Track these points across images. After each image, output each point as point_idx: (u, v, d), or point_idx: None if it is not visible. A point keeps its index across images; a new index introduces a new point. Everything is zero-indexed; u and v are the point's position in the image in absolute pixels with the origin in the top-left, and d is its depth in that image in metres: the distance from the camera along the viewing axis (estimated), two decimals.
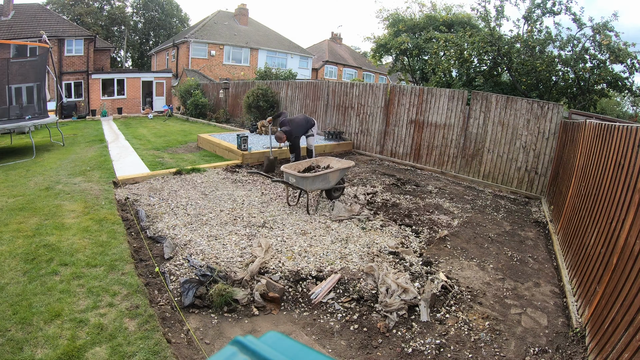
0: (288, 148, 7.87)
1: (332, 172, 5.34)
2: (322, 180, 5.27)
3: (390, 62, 17.79)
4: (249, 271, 3.37)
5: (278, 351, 0.85)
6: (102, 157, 8.10)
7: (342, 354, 2.61)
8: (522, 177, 7.30)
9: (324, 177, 5.25)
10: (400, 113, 9.25)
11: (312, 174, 5.20)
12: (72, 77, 20.78)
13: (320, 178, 5.22)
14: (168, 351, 2.39)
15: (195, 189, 5.95)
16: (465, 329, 2.93)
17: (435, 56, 12.81)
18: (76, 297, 2.87)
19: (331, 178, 5.37)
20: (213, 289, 3.03)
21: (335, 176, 5.45)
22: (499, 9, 11.04)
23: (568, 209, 4.57)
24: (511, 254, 4.41)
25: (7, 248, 3.57)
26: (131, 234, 4.21)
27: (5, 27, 18.94)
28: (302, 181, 5.09)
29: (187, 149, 9.59)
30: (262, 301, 3.08)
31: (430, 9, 15.79)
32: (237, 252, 3.86)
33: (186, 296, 3.01)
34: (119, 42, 35.62)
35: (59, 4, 29.83)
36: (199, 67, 23.68)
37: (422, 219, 5.31)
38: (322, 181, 5.28)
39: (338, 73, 31.85)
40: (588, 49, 9.80)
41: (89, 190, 5.54)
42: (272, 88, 13.67)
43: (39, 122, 9.33)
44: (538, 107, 7.00)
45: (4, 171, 6.70)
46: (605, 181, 3.25)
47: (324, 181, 5.31)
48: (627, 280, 2.29)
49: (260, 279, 3.32)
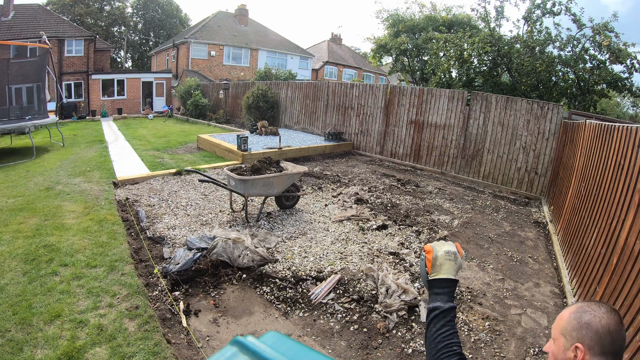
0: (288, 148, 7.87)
1: (276, 177, 4.68)
2: (264, 185, 4.62)
3: (390, 62, 17.81)
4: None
5: (278, 351, 0.85)
6: (102, 157, 8.10)
7: (342, 354, 2.60)
8: (522, 178, 7.30)
9: (265, 181, 4.60)
10: (400, 113, 9.26)
11: (250, 177, 4.57)
12: (72, 78, 20.78)
13: (261, 182, 4.58)
14: (168, 352, 2.39)
15: (195, 190, 5.95)
16: (465, 330, 2.93)
17: (435, 57, 12.82)
18: (76, 298, 2.86)
19: (275, 183, 4.70)
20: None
21: (281, 182, 4.76)
22: (498, 9, 11.07)
23: (568, 210, 4.57)
24: (511, 255, 4.41)
25: (7, 248, 3.57)
26: (131, 235, 4.20)
27: (5, 27, 18.95)
28: (240, 184, 4.48)
29: (187, 150, 9.59)
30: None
31: (430, 10, 15.83)
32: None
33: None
34: (119, 42, 35.63)
35: (59, 5, 29.83)
36: (199, 67, 23.68)
37: (422, 219, 5.31)
38: (263, 186, 4.62)
39: (338, 74, 31.87)
40: (588, 49, 9.81)
41: (89, 190, 5.54)
42: (272, 89, 13.67)
43: (39, 123, 9.33)
44: (538, 107, 7.00)
45: (4, 171, 6.70)
46: (605, 181, 3.25)
47: (267, 186, 4.65)
48: (627, 281, 2.29)
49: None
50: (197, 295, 3.16)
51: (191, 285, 3.27)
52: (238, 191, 4.57)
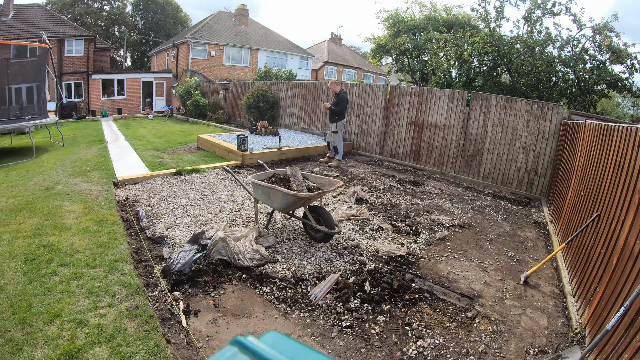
0: (288, 148, 7.86)
1: (273, 190, 4.01)
2: (263, 193, 4.20)
3: (390, 62, 17.81)
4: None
5: (278, 351, 0.85)
6: (102, 157, 8.10)
7: (342, 354, 2.60)
8: (521, 178, 7.30)
9: (263, 190, 4.16)
10: (400, 114, 9.26)
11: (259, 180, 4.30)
12: (72, 78, 20.79)
13: (260, 190, 4.21)
14: (168, 352, 2.39)
15: (195, 190, 5.94)
16: (465, 329, 2.93)
17: (435, 57, 12.82)
18: (76, 298, 2.86)
19: (274, 197, 4.05)
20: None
21: (278, 197, 3.98)
22: (498, 9, 11.06)
23: (568, 210, 4.57)
24: (511, 255, 4.41)
25: (7, 248, 3.56)
26: (131, 235, 4.20)
27: (5, 27, 18.96)
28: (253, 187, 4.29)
29: (187, 150, 9.59)
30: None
31: (430, 10, 15.82)
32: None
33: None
34: (118, 42, 35.62)
35: (59, 5, 29.83)
36: (199, 67, 23.69)
37: (422, 219, 5.31)
38: (262, 194, 4.21)
39: (338, 74, 31.88)
40: (588, 49, 9.81)
41: (88, 190, 5.54)
42: (272, 89, 13.67)
43: (39, 123, 9.33)
44: (538, 107, 7.00)
45: (4, 171, 6.70)
46: (605, 182, 3.26)
47: (265, 195, 4.18)
48: (627, 281, 2.29)
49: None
50: (196, 295, 3.16)
51: (191, 285, 3.27)
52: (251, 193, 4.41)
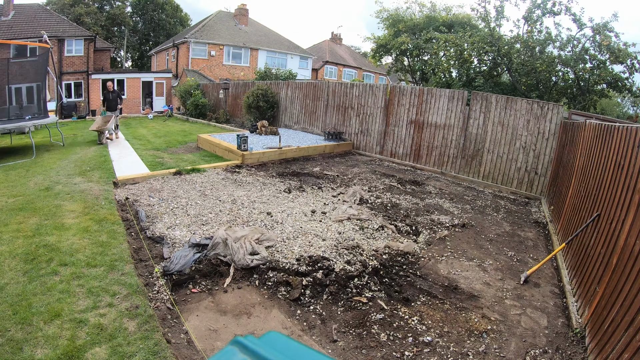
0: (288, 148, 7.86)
1: None
2: None
3: (390, 62, 17.81)
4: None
5: (278, 351, 0.85)
6: (102, 157, 8.10)
7: (343, 354, 2.60)
8: (522, 178, 7.30)
9: None
10: (400, 113, 9.26)
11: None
12: (72, 77, 20.78)
13: None
14: (168, 351, 2.39)
15: (195, 189, 5.94)
16: (465, 330, 2.93)
17: (435, 56, 12.82)
18: (76, 297, 2.86)
19: None
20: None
21: None
22: (498, 9, 11.06)
23: (568, 209, 4.57)
24: (511, 254, 4.41)
25: (7, 248, 3.56)
26: (131, 234, 4.20)
27: (5, 27, 18.95)
28: None
29: (187, 149, 9.59)
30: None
31: (430, 10, 15.81)
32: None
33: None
34: (118, 42, 35.60)
35: (59, 5, 29.82)
36: (199, 67, 23.68)
37: (422, 219, 5.30)
38: None
39: (338, 73, 31.86)
40: (588, 49, 9.81)
41: (88, 190, 5.54)
42: (272, 88, 13.67)
43: (39, 122, 9.32)
44: (538, 107, 7.00)
45: (4, 171, 6.70)
46: (605, 181, 3.25)
47: None
48: (627, 281, 2.29)
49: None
50: (197, 295, 3.16)
51: (191, 285, 3.27)
52: None
